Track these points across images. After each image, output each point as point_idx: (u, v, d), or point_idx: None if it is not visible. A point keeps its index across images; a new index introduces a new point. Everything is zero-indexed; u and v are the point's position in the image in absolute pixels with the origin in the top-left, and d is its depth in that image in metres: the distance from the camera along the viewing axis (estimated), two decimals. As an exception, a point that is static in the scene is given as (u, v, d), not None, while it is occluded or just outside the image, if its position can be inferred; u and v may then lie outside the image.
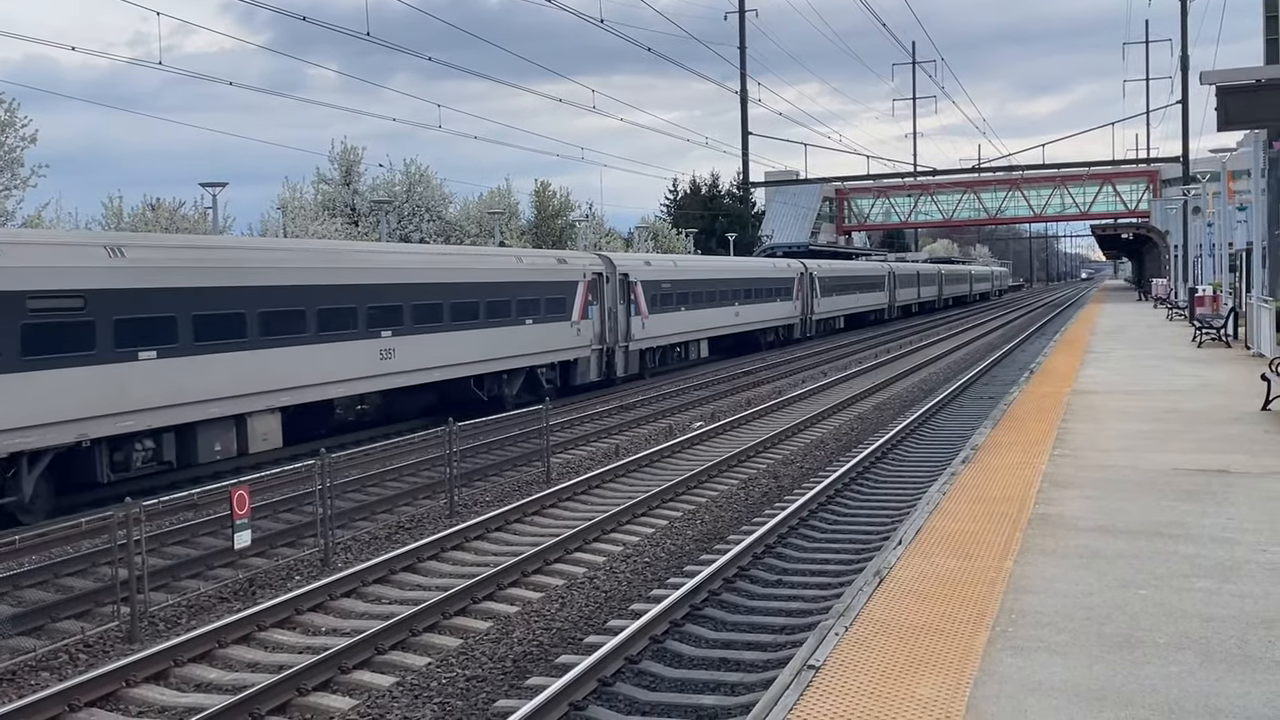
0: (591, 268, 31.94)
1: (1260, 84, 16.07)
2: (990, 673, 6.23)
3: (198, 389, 18.20)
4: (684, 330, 38.26)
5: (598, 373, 31.68)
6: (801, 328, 51.80)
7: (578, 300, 30.58)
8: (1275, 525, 9.39)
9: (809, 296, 52.41)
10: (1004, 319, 72.79)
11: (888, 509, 15.52)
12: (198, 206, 40.92)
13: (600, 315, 31.89)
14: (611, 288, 32.69)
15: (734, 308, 42.78)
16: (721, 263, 47.45)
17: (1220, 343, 28.99)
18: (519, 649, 10.39)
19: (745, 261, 53.39)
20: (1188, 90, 76.46)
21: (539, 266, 29.69)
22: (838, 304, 58.11)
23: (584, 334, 30.91)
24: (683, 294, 37.99)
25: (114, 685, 9.44)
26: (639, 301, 33.97)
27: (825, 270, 55.89)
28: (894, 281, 72.11)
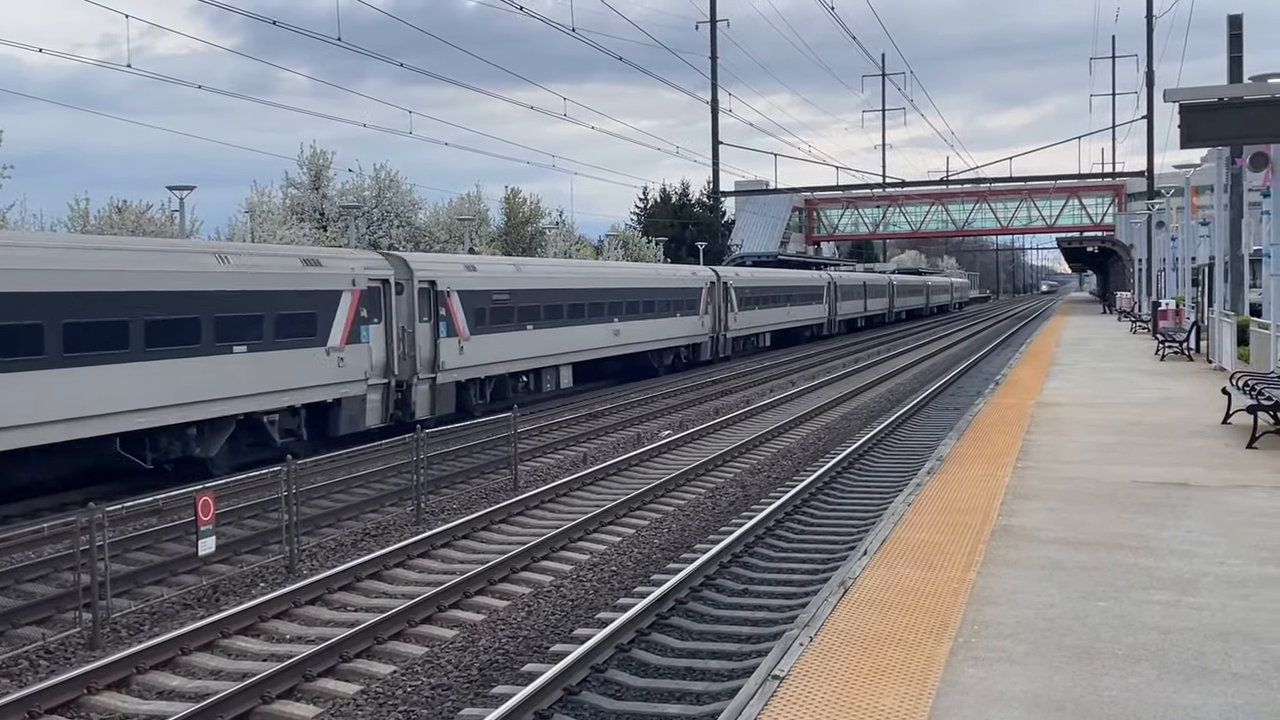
0: (369, 272, 23.63)
1: (1223, 102, 16.29)
2: (952, 683, 6.29)
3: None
4: (530, 354, 29.86)
5: (383, 416, 23.76)
6: (713, 347, 44.54)
7: (340, 318, 22.38)
8: (1233, 539, 9.52)
9: (722, 310, 45.15)
10: (961, 335, 66.97)
11: (853, 519, 15.61)
12: (165, 209, 40.73)
13: (386, 338, 24.01)
14: (406, 300, 24.74)
15: (613, 324, 35.10)
16: (591, 269, 38.76)
17: (1183, 356, 29.31)
18: (485, 657, 10.39)
19: (631, 268, 45.33)
20: (1153, 106, 77.49)
21: (260, 269, 20.79)
22: (761, 319, 50.81)
23: (351, 365, 22.63)
24: (529, 308, 29.88)
25: (75, 692, 9.37)
26: (454, 318, 26.25)
27: (745, 280, 48.97)
28: (835, 293, 64.95)
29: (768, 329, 52.53)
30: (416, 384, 24.88)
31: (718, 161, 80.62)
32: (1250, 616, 7.39)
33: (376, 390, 23.64)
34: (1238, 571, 8.48)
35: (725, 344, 45.73)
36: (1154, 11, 76.19)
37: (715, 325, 44.58)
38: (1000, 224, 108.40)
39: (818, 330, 62.18)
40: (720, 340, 45.24)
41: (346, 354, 22.56)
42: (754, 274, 52.35)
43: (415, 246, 51.42)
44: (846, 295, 67.77)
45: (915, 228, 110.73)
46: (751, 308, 49.06)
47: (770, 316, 52.17)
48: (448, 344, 25.97)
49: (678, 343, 41.35)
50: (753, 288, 49.67)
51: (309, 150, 53.01)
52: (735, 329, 46.95)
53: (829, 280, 64.16)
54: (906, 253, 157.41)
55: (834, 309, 64.47)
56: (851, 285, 70.70)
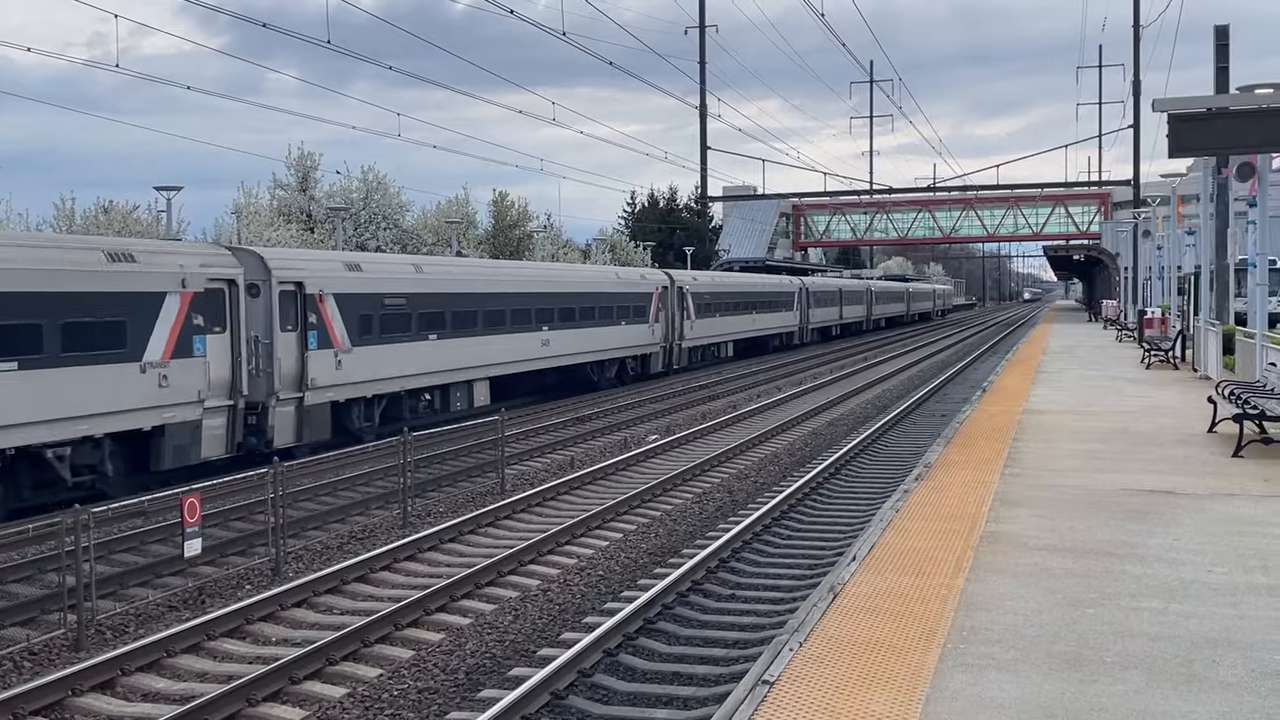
0: (207, 271, 19.50)
1: (1210, 112, 16.38)
2: (941, 689, 6.29)
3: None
4: (434, 369, 25.88)
5: (226, 444, 19.81)
6: (665, 358, 40.88)
7: (162, 326, 18.37)
8: (1220, 546, 9.55)
9: (676, 317, 41.37)
10: (944, 344, 63.61)
11: (841, 525, 15.62)
12: (151, 210, 40.60)
13: (232, 351, 19.91)
14: (263, 304, 20.79)
15: (541, 334, 31.19)
16: (514, 270, 33.78)
17: (1168, 364, 29.42)
18: (471, 661, 10.37)
19: (566, 270, 41.11)
20: (1139, 115, 77.70)
21: (43, 265, 16.73)
22: (722, 327, 47.13)
23: (179, 383, 18.49)
24: (432, 314, 25.87)
25: (59, 694, 9.32)
26: (329, 327, 22.22)
27: (704, 285, 45.38)
28: (807, 299, 60.84)
29: (729, 338, 48.84)
30: (275, 406, 20.79)
31: (706, 167, 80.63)
32: (1237, 624, 7.42)
33: (217, 415, 19.46)
34: (1224, 579, 8.52)
35: (680, 355, 42.14)
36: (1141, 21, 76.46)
37: (668, 334, 40.97)
38: (987, 231, 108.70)
39: (788, 339, 58.54)
40: (674, 350, 41.58)
41: (172, 370, 18.27)
42: (714, 278, 49.33)
43: (403, 249, 51.36)
44: (820, 302, 64.05)
45: (902, 234, 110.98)
46: (711, 315, 45.49)
47: (732, 325, 48.64)
48: (319, 357, 21.94)
49: (622, 354, 37.53)
50: (712, 293, 45.99)
51: (297, 151, 52.94)
52: (692, 338, 43.34)
53: (800, 286, 60.19)
54: (893, 259, 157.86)
55: (806, 317, 60.80)
56: (825, 291, 66.73)
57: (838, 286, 70.91)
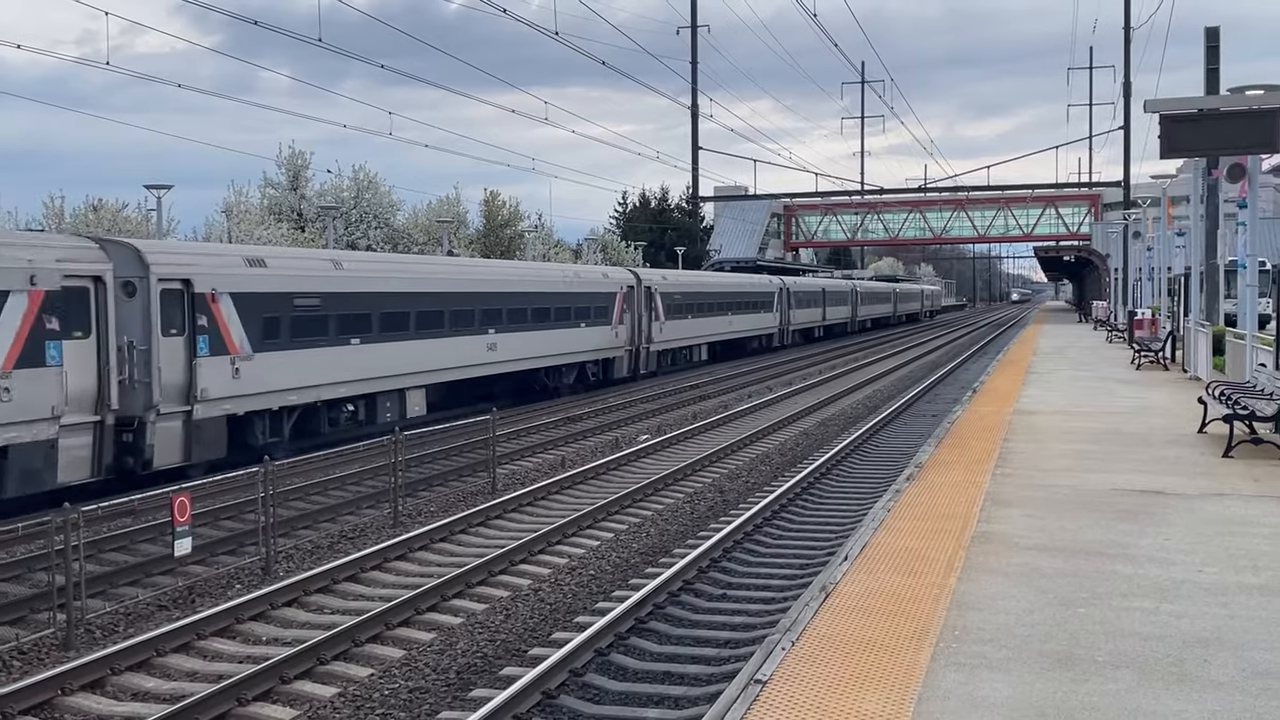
0: (64, 266, 16.85)
1: (1201, 113, 16.43)
2: (934, 689, 6.29)
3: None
4: (357, 376, 23.20)
5: (92, 467, 17.01)
6: (631, 361, 37.98)
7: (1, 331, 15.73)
8: (1210, 546, 9.57)
9: (643, 319, 38.35)
10: (931, 346, 60.92)
11: (833, 525, 15.63)
12: (141, 208, 40.50)
13: (98, 359, 17.18)
14: (139, 304, 18.12)
15: (487, 337, 28.17)
16: (452, 267, 30.30)
17: (1158, 365, 29.50)
18: (463, 660, 10.35)
19: (514, 267, 36.72)
20: (1129, 116, 78.00)
21: None
22: (694, 329, 43.95)
23: (24, 398, 15.79)
24: (354, 316, 23.20)
25: (49, 693, 9.28)
26: (224, 330, 19.78)
27: (674, 284, 42.09)
28: (788, 300, 57.94)
29: (703, 341, 45.84)
30: (155, 421, 18.05)
31: (697, 167, 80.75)
32: (1228, 624, 7.43)
33: (79, 433, 16.65)
34: (1215, 579, 8.53)
35: (647, 359, 39.02)
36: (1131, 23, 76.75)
37: (634, 337, 37.95)
38: (977, 232, 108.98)
39: (767, 341, 55.72)
40: (641, 354, 38.54)
41: (15, 383, 15.63)
42: (686, 277, 46.65)
43: (394, 248, 51.29)
44: (802, 303, 61.06)
45: (893, 235, 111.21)
46: (682, 316, 42.40)
47: (706, 327, 45.49)
48: (212, 365, 19.32)
49: (581, 358, 34.43)
50: (684, 293, 42.85)
51: (287, 150, 52.87)
52: (661, 341, 40.25)
53: (780, 286, 57.16)
54: (884, 260, 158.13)
55: (786, 318, 57.88)
56: (807, 292, 63.42)
57: (821, 287, 67.93)
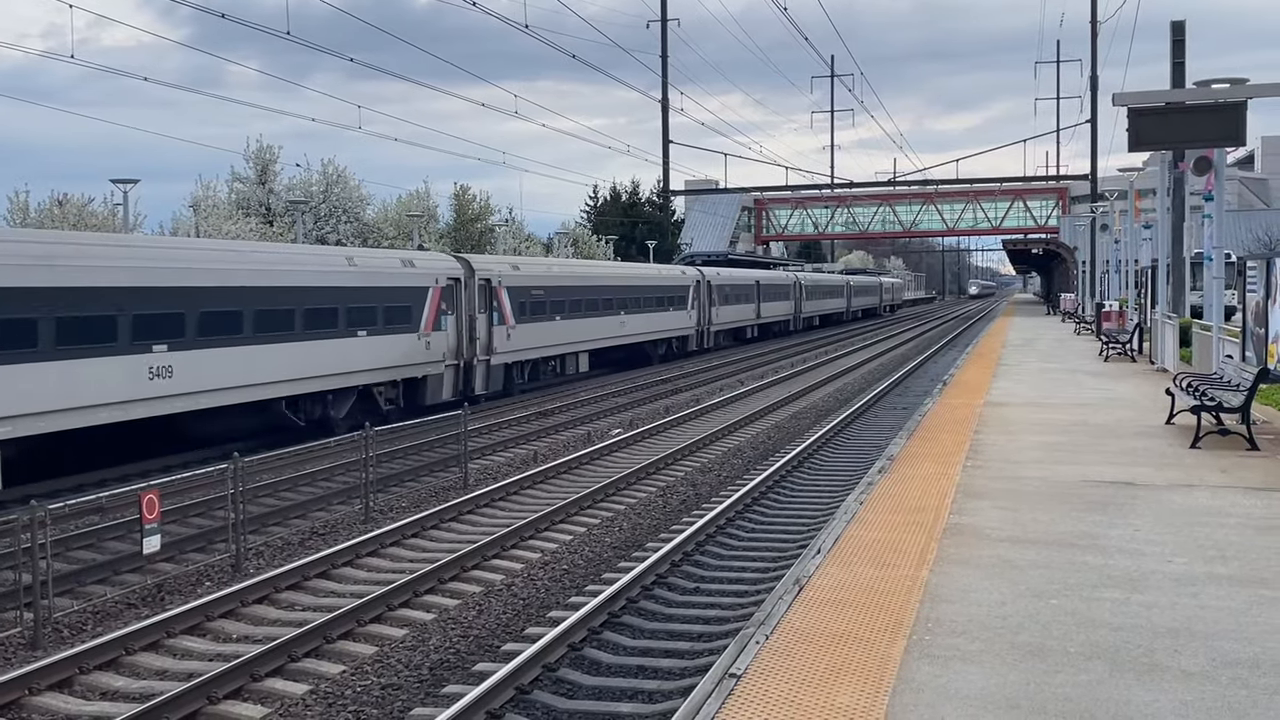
0: None
1: (1169, 107, 16.54)
2: (907, 681, 6.31)
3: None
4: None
5: None
6: (459, 380, 28.38)
7: None
8: (1180, 537, 9.64)
9: (478, 322, 29.31)
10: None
11: (805, 518, 15.66)
12: (107, 203, 40.13)
13: None
14: None
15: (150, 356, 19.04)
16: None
17: (1126, 357, 29.72)
18: (435, 656, 10.31)
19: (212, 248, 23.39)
20: (1097, 110, 78.49)
21: None
22: (564, 333, 34.54)
23: None
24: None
25: (16, 693, 9.18)
26: None
27: (529, 276, 32.76)
28: (708, 295, 49.21)
29: (580, 347, 36.10)
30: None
31: (668, 160, 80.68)
32: (1198, 614, 7.49)
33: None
34: (1185, 570, 8.59)
35: (487, 375, 29.74)
36: (1098, 17, 77.21)
37: (463, 347, 28.49)
38: (946, 225, 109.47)
39: (681, 345, 47.19)
40: (475, 370, 29.18)
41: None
42: (544, 267, 36.01)
43: (364, 243, 51.02)
44: (728, 298, 52.73)
45: (863, 229, 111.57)
46: (545, 317, 33.08)
47: (583, 330, 36.05)
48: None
49: (361, 380, 24.72)
50: (547, 288, 33.44)
51: (255, 144, 52.48)
52: (510, 350, 30.93)
53: (698, 279, 48.45)
54: (854, 253, 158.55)
55: (706, 316, 49.28)
56: (736, 286, 54.47)
57: (754, 280, 58.10)
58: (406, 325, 26.39)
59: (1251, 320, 15.74)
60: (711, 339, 49.91)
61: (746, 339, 57.70)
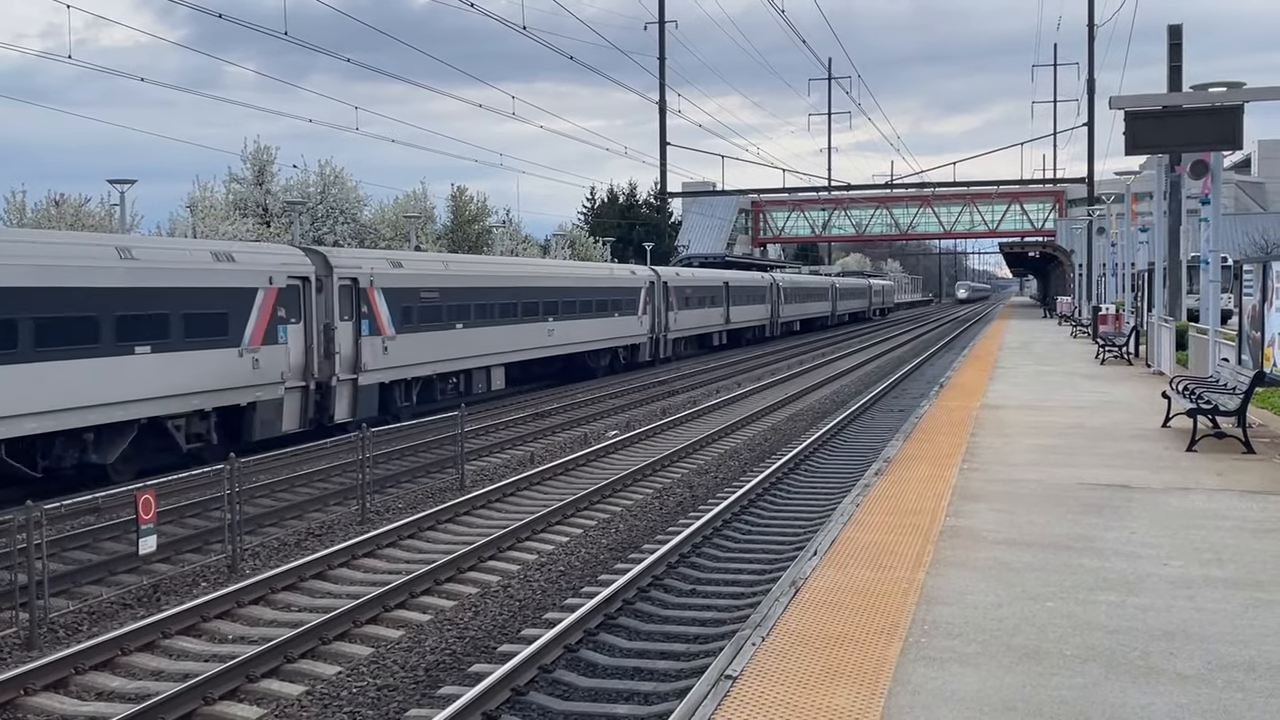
0: None
1: (1166, 110, 16.56)
2: (904, 683, 6.31)
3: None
4: None
5: None
6: (305, 405, 22.68)
7: None
8: (1176, 540, 9.65)
9: (340, 333, 23.42)
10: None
11: (802, 520, 15.67)
12: (104, 203, 40.11)
13: None
14: None
15: None
16: None
17: (1122, 360, 29.74)
18: (431, 658, 10.30)
19: None
20: (1094, 113, 78.51)
21: None
22: (471, 344, 28.67)
23: None
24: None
25: (12, 693, 9.17)
26: None
27: (419, 275, 26.76)
28: (664, 298, 43.98)
29: (486, 361, 29.76)
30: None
31: (665, 162, 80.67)
32: (1194, 616, 7.49)
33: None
34: (1180, 572, 8.60)
35: (354, 398, 23.80)
36: (1095, 20, 77.26)
37: (313, 364, 22.78)
38: (943, 228, 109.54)
39: (631, 356, 41.52)
40: (335, 392, 23.27)
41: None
42: (444, 265, 29.24)
43: (360, 243, 51.01)
44: (689, 301, 47.34)
45: (860, 231, 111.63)
46: (442, 325, 27.38)
47: (489, 340, 29.82)
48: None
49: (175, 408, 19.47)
50: (444, 289, 27.62)
51: (252, 145, 52.47)
52: (385, 367, 24.93)
53: (651, 280, 43.08)
54: (851, 256, 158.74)
55: (662, 323, 43.85)
56: (699, 288, 49.24)
57: (722, 281, 52.96)
58: (221, 338, 20.44)
59: (1247, 324, 15.75)
60: (669, 348, 44.81)
61: (714, 346, 53.06)
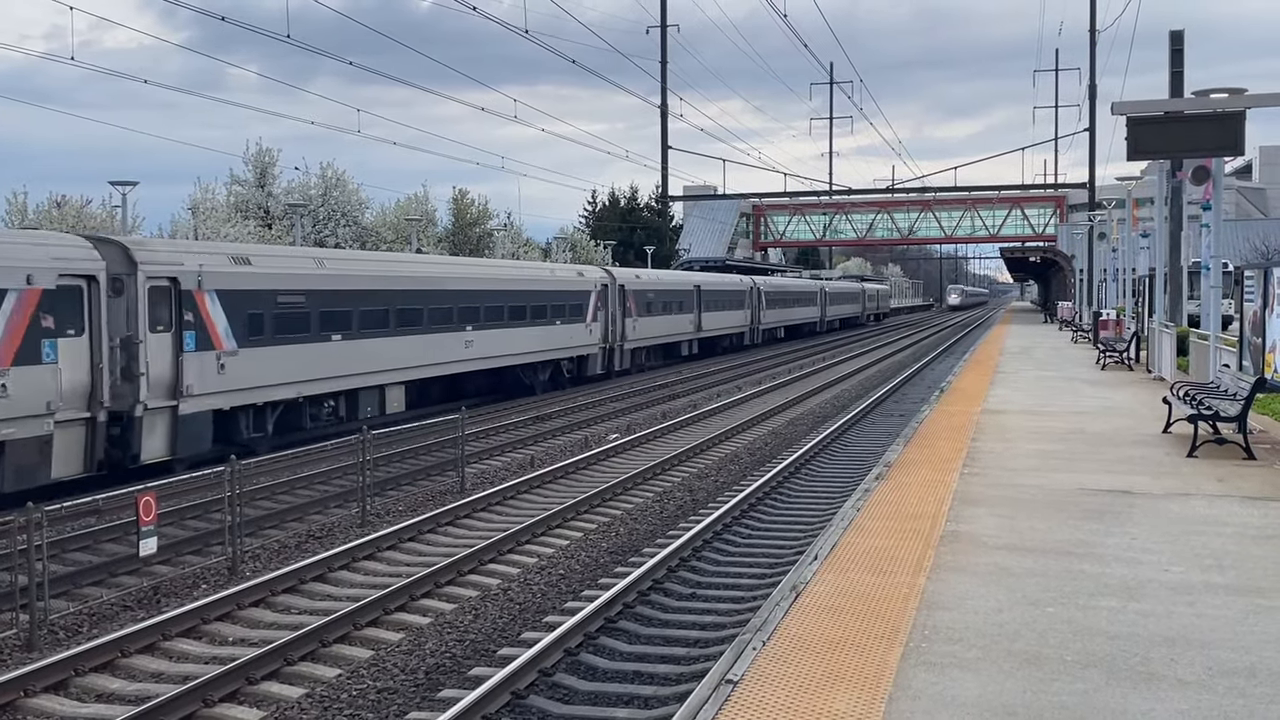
0: None
1: (1168, 116, 16.56)
2: (904, 688, 6.31)
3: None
4: None
5: None
6: (92, 444, 17.41)
7: None
8: (1176, 546, 9.65)
9: (148, 349, 18.46)
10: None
11: (802, 524, 15.66)
12: (105, 205, 40.11)
13: None
14: None
15: None
16: None
17: (1123, 366, 29.74)
18: (431, 661, 10.30)
19: None
20: (1095, 119, 78.46)
21: None
22: (354, 360, 23.81)
23: None
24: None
25: (12, 695, 9.17)
26: None
27: (276, 276, 21.91)
28: (620, 303, 38.30)
29: (378, 379, 24.81)
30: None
31: (666, 166, 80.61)
32: (1194, 622, 7.49)
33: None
34: (1181, 578, 8.60)
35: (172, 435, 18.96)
36: (1097, 26, 77.25)
37: (110, 389, 17.77)
38: (944, 233, 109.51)
39: (579, 369, 36.45)
40: (146, 429, 18.39)
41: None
42: (290, 260, 23.56)
43: (362, 245, 51.02)
44: (651, 307, 41.33)
45: (861, 235, 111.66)
46: (296, 339, 22.21)
47: (380, 354, 24.71)
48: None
49: None
50: (315, 292, 22.90)
51: (254, 147, 52.47)
52: (218, 391, 20.05)
53: (604, 283, 37.68)
54: (852, 260, 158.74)
55: (618, 330, 38.34)
56: (666, 291, 43.50)
57: (693, 285, 47.18)
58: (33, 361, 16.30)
59: (1249, 329, 15.75)
60: (626, 359, 39.09)
61: (682, 356, 46.89)
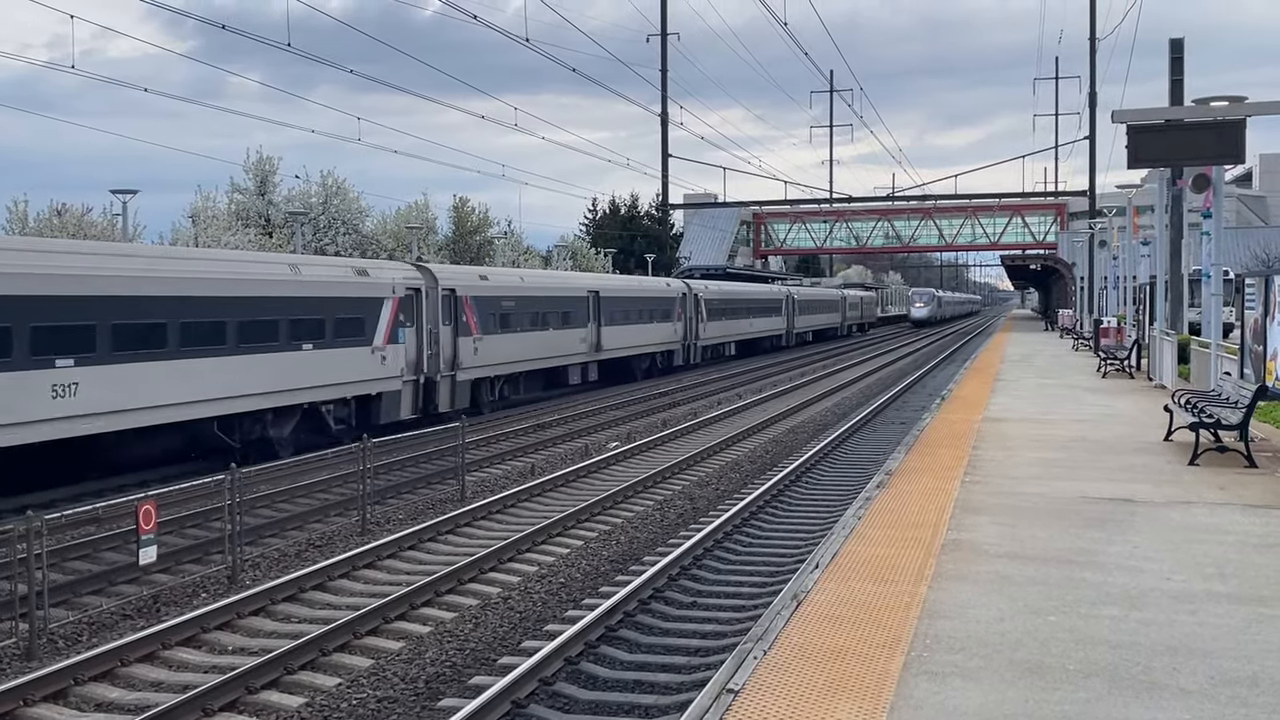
0: None
1: (1168, 124, 16.57)
2: (906, 698, 6.29)
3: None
4: None
5: None
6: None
7: None
8: (1178, 554, 9.63)
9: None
10: None
11: (803, 532, 15.63)
12: (106, 213, 40.11)
13: None
14: None
15: None
16: None
17: (1124, 373, 29.72)
18: (431, 670, 10.27)
19: None
20: (1095, 126, 78.51)
21: None
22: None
23: None
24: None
25: (11, 704, 9.14)
26: None
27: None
28: (454, 314, 27.85)
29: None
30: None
31: (667, 174, 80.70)
32: (1196, 631, 7.47)
33: None
34: (1183, 587, 8.58)
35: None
36: (1097, 34, 77.32)
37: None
38: (945, 240, 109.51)
39: (372, 411, 25.96)
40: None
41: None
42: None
43: (362, 254, 51.01)
44: (507, 322, 30.82)
45: (861, 243, 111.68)
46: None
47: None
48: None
49: None
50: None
51: (255, 155, 52.46)
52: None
53: (417, 285, 26.50)
54: (853, 268, 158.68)
55: (448, 356, 27.61)
56: (528, 299, 32.29)
57: (585, 289, 37.67)
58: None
59: (1250, 337, 15.74)
60: (461, 396, 28.39)
61: (573, 385, 37.91)
